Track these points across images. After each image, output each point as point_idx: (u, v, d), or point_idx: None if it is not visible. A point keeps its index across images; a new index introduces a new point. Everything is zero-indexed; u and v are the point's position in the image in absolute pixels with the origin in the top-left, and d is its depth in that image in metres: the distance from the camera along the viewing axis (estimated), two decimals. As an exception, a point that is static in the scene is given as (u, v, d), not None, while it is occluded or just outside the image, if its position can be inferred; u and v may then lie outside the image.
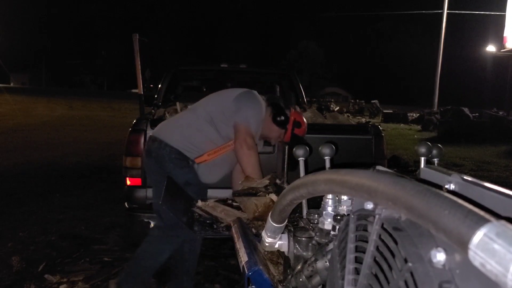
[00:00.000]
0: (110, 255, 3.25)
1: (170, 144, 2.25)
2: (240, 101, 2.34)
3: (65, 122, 13.86)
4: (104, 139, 10.04)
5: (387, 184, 0.52)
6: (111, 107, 22.55)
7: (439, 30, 24.30)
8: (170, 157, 2.24)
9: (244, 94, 2.40)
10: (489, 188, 0.58)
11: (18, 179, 5.54)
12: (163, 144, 2.26)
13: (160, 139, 2.28)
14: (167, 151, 2.24)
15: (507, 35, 17.08)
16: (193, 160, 2.27)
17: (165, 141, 2.26)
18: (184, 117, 2.45)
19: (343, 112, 14.54)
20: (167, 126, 2.40)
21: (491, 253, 0.37)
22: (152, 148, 2.30)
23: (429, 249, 0.50)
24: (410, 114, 22.01)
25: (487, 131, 12.91)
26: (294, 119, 2.44)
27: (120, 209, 3.80)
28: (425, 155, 1.24)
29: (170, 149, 2.24)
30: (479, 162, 8.72)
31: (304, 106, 4.18)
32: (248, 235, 1.38)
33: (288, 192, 0.84)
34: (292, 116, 2.44)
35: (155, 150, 2.28)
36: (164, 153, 2.25)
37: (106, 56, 65.55)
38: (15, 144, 8.65)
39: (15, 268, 2.96)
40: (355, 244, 0.66)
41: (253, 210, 1.85)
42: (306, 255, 1.11)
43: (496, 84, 38.35)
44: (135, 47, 3.14)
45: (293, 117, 2.44)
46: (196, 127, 2.31)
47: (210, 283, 2.89)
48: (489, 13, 26.18)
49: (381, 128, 3.19)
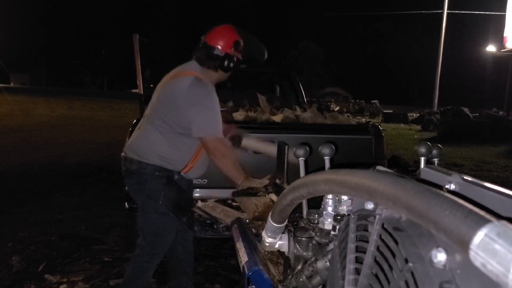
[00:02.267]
0: (110, 255, 3.25)
1: (151, 163, 2.13)
2: (189, 108, 2.10)
3: (65, 122, 13.85)
4: (104, 139, 10.04)
5: (387, 184, 0.52)
6: (111, 107, 22.55)
7: (439, 30, 24.30)
8: (153, 175, 2.14)
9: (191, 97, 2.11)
10: (489, 188, 0.58)
11: (18, 179, 5.54)
12: (143, 164, 2.14)
13: (138, 160, 2.15)
14: (149, 171, 2.13)
15: (507, 35, 17.08)
16: (178, 172, 2.19)
17: (144, 161, 2.14)
18: (151, 133, 2.19)
19: (343, 112, 14.51)
20: (140, 144, 2.21)
21: (492, 253, 0.37)
22: (131, 169, 2.18)
23: (430, 249, 0.50)
24: (410, 114, 22.02)
25: (487, 131, 12.91)
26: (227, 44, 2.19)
27: (120, 209, 3.80)
28: (425, 155, 1.24)
29: (152, 167, 2.13)
30: (479, 162, 8.72)
31: (304, 106, 4.18)
32: (248, 235, 1.38)
33: (288, 192, 0.83)
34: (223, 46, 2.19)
35: (136, 171, 2.16)
36: (146, 172, 2.14)
37: (106, 56, 65.55)
38: (15, 144, 8.65)
39: (15, 268, 2.96)
40: (356, 244, 0.66)
41: (253, 210, 1.85)
42: (306, 255, 1.11)
43: (496, 84, 38.35)
44: (135, 47, 3.13)
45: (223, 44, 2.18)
46: (167, 144, 2.15)
47: (210, 283, 2.89)
48: (489, 13, 26.20)
49: (381, 128, 3.19)
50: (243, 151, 2.67)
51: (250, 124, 2.97)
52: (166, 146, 2.14)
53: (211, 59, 2.21)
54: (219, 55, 2.20)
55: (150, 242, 2.20)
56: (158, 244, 2.22)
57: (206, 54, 2.21)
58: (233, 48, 2.23)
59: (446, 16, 24.02)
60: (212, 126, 2.13)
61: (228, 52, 2.21)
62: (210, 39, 2.22)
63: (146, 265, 2.24)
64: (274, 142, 2.81)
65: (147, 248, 2.21)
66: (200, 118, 2.10)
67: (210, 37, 2.24)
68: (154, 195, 2.09)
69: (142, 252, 2.23)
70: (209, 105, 2.13)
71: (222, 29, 2.27)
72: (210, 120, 2.13)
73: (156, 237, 2.19)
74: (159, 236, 2.19)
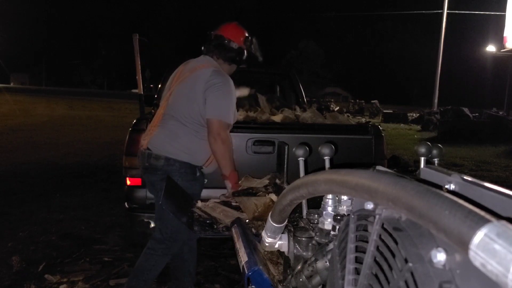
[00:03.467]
0: (110, 255, 3.25)
1: (179, 159, 2.18)
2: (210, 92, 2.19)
3: (65, 122, 13.86)
4: (104, 139, 10.04)
5: (387, 184, 0.52)
6: (111, 107, 22.56)
7: (439, 30, 24.29)
8: (180, 172, 2.19)
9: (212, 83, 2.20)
10: (489, 188, 0.57)
11: (18, 179, 5.54)
12: (171, 160, 2.18)
13: (167, 156, 2.18)
14: (176, 167, 2.19)
15: (507, 35, 17.10)
16: (200, 167, 2.27)
17: (173, 158, 2.18)
18: (177, 129, 2.23)
19: (343, 112, 14.51)
20: (168, 140, 2.23)
21: (491, 254, 0.37)
22: (157, 166, 2.20)
23: (430, 249, 0.50)
24: (410, 114, 22.04)
25: (487, 131, 12.91)
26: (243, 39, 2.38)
27: (120, 209, 3.81)
28: (425, 155, 1.24)
29: (180, 163, 2.19)
30: (479, 162, 8.72)
31: (304, 106, 4.18)
32: (248, 235, 1.38)
33: (288, 192, 0.83)
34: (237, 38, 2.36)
35: (162, 167, 2.19)
36: (174, 169, 2.18)
37: (106, 56, 65.55)
38: (15, 144, 8.65)
39: (15, 268, 2.96)
40: (355, 244, 0.66)
41: (253, 210, 1.85)
42: (306, 255, 1.11)
43: (496, 84, 38.39)
44: (135, 47, 3.13)
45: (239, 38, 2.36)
46: (196, 137, 2.21)
47: (210, 283, 2.89)
48: (489, 13, 26.21)
49: (381, 128, 3.19)
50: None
51: (250, 124, 2.97)
52: (195, 139, 2.22)
53: (228, 51, 2.33)
54: (234, 48, 2.33)
55: (169, 238, 2.24)
56: (176, 241, 2.26)
57: (223, 47, 2.32)
58: (244, 43, 2.38)
59: (446, 16, 24.01)
60: (224, 111, 2.20)
61: (241, 45, 2.36)
62: (225, 33, 2.34)
63: (159, 259, 2.27)
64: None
65: (165, 244, 2.25)
66: (216, 102, 2.18)
67: (224, 31, 2.35)
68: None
69: (158, 246, 2.26)
70: (227, 93, 2.23)
71: (234, 24, 2.42)
72: (225, 106, 2.21)
73: (175, 233, 2.23)
74: (178, 232, 2.23)
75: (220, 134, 2.16)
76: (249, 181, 2.23)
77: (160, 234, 2.26)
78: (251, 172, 2.46)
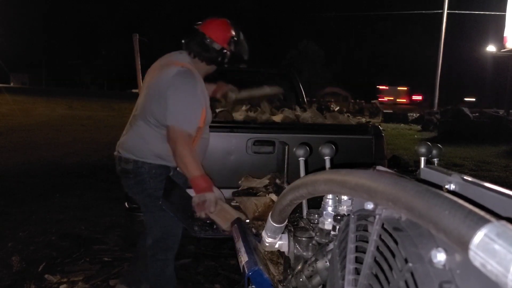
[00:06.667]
0: (110, 255, 3.25)
1: (148, 161, 2.10)
2: (169, 94, 2.02)
3: (65, 122, 13.86)
4: (104, 139, 10.04)
5: (387, 185, 0.52)
6: (111, 107, 22.53)
7: (439, 30, 24.29)
8: (150, 173, 2.11)
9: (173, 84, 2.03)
10: (489, 188, 0.58)
11: (18, 179, 5.54)
12: (139, 163, 2.10)
13: (134, 159, 2.11)
14: (145, 169, 2.10)
15: (507, 35, 17.12)
16: (174, 167, 2.15)
17: (141, 160, 2.10)
18: (143, 130, 2.13)
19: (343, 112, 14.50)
20: (134, 142, 2.15)
21: (491, 254, 0.37)
22: (128, 169, 2.13)
23: (430, 249, 0.50)
24: (410, 114, 22.04)
25: (487, 131, 12.90)
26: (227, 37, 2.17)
27: (120, 209, 3.80)
28: (425, 155, 1.24)
29: (149, 166, 2.10)
30: (479, 162, 8.72)
31: (304, 106, 4.18)
32: (248, 235, 1.38)
33: (288, 192, 0.84)
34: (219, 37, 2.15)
35: (132, 170, 2.12)
36: (143, 171, 2.10)
37: (106, 56, 65.51)
38: (15, 144, 8.64)
39: (15, 268, 2.96)
40: (356, 244, 0.66)
41: (253, 210, 1.85)
42: (306, 255, 1.11)
43: (496, 84, 38.38)
44: (135, 47, 3.13)
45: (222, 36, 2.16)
46: (161, 139, 2.07)
47: (210, 283, 2.89)
48: (489, 13, 26.20)
49: (381, 128, 3.19)
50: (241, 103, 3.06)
51: (250, 124, 2.97)
52: (160, 142, 2.07)
53: (207, 52, 2.15)
54: (215, 49, 2.15)
55: (161, 239, 2.18)
56: (170, 239, 2.20)
57: (202, 46, 2.15)
58: (228, 44, 2.19)
59: (446, 16, 24.02)
60: (186, 118, 2.03)
61: (225, 47, 2.17)
62: (208, 31, 2.15)
63: (163, 263, 2.21)
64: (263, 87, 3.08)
65: (159, 245, 2.19)
66: (174, 107, 2.01)
67: (208, 28, 2.16)
68: (155, 193, 2.06)
69: (155, 251, 2.20)
70: (190, 97, 2.05)
71: (221, 22, 2.22)
72: (186, 112, 2.04)
73: (166, 233, 2.18)
74: (169, 231, 2.18)
75: (177, 143, 1.98)
76: (249, 181, 2.23)
77: (151, 239, 2.20)
78: (251, 172, 2.46)
